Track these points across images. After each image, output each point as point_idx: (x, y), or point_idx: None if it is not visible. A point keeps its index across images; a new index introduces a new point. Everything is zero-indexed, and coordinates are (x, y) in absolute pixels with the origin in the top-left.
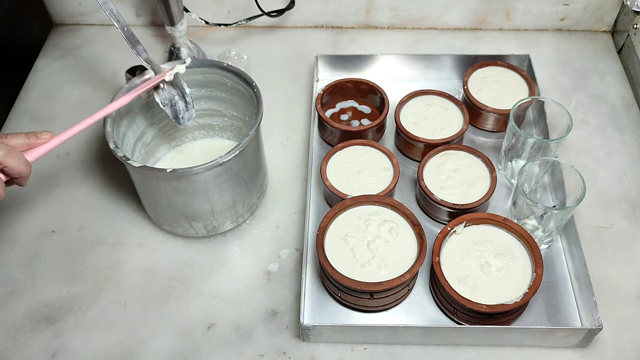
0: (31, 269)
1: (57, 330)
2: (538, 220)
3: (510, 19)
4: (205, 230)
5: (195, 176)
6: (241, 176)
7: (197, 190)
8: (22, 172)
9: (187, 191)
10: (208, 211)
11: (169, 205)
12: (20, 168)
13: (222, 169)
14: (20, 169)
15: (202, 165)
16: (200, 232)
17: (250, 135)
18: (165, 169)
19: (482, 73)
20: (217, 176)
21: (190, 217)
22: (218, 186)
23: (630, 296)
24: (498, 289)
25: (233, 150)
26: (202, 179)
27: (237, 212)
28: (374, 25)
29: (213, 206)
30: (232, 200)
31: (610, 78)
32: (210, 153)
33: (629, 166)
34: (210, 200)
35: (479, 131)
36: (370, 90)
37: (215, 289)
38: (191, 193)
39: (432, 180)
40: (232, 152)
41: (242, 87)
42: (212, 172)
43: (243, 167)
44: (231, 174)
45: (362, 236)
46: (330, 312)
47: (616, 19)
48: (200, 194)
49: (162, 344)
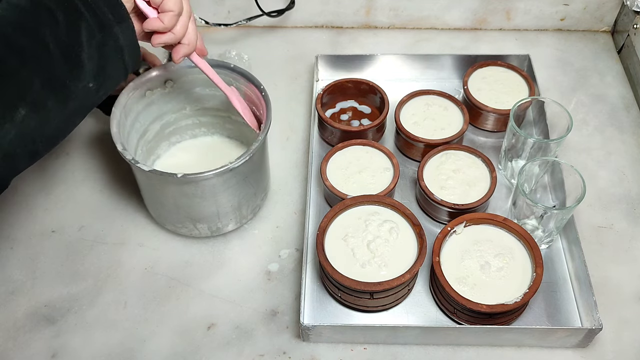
0: (31, 269)
1: (57, 330)
2: (538, 220)
3: (510, 19)
4: (210, 232)
5: (204, 181)
6: (249, 180)
7: (206, 194)
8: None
9: (196, 195)
10: (214, 213)
11: (175, 207)
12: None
13: (231, 174)
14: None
15: (212, 171)
16: (204, 233)
17: (259, 140)
18: (175, 173)
19: (482, 73)
20: (225, 181)
21: (196, 218)
22: (226, 190)
23: (630, 296)
24: (498, 289)
25: (243, 156)
26: (212, 184)
27: (242, 213)
28: (374, 25)
29: (219, 209)
30: (238, 203)
31: (610, 78)
32: (211, 151)
33: (629, 166)
34: (217, 203)
35: (479, 131)
36: (370, 90)
37: (215, 289)
38: (199, 197)
39: (432, 180)
40: (242, 157)
41: (247, 88)
42: (222, 177)
43: (251, 171)
44: (239, 179)
45: (362, 236)
46: (330, 312)
47: (616, 19)
48: (208, 197)
49: (162, 344)
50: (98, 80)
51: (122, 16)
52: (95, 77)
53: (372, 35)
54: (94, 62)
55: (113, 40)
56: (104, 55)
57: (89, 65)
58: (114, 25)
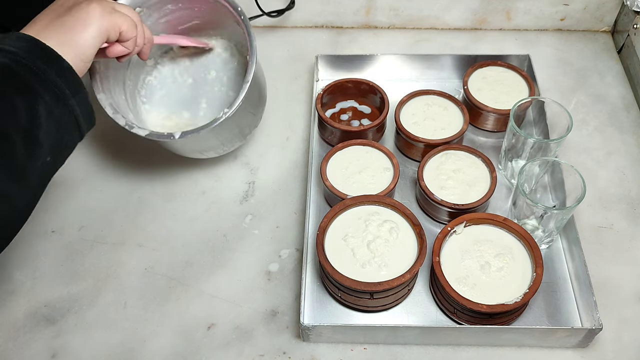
0: (31, 269)
1: (57, 330)
2: (538, 220)
3: (510, 19)
4: (215, 154)
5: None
6: (247, 110)
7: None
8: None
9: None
10: (217, 145)
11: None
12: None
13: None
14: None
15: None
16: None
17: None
18: (172, 133)
19: (482, 73)
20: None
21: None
22: (227, 128)
23: (630, 296)
24: (498, 289)
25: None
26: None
27: (244, 133)
28: (374, 25)
29: (223, 141)
30: (239, 130)
31: (610, 78)
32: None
33: (629, 166)
34: (219, 138)
35: (479, 131)
36: (370, 90)
37: (215, 289)
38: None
39: (432, 180)
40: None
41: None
42: (220, 125)
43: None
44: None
45: (362, 236)
46: (330, 312)
47: (616, 19)
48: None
49: (162, 344)
50: (55, 153)
51: (77, 87)
52: (52, 151)
53: (372, 35)
54: (52, 137)
55: (69, 112)
56: (61, 128)
57: (46, 142)
58: (69, 97)
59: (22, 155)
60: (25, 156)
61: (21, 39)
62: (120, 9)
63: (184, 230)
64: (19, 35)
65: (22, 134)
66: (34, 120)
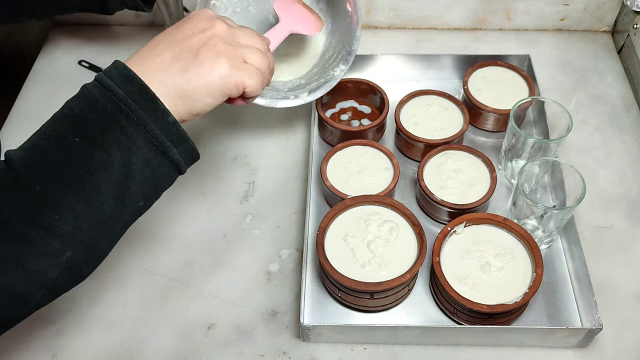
0: None
1: (57, 330)
2: (538, 220)
3: (510, 19)
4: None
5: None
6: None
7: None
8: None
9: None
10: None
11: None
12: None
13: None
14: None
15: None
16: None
17: (357, 37)
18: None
19: (482, 73)
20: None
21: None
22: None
23: (630, 296)
24: (498, 289)
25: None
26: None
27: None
28: (374, 25)
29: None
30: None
31: (610, 78)
32: None
33: (629, 166)
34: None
35: (479, 131)
36: (370, 90)
37: (215, 289)
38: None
39: (432, 180)
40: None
41: None
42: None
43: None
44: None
45: (362, 236)
46: (330, 312)
47: (616, 19)
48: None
49: (162, 344)
50: (148, 198)
51: (180, 138)
52: (144, 197)
53: (372, 35)
54: (146, 185)
55: (169, 161)
56: (157, 176)
57: (139, 190)
58: (171, 149)
59: (112, 208)
60: (115, 207)
61: (131, 82)
62: (249, 44)
63: (184, 230)
64: (129, 76)
65: (113, 187)
66: (128, 173)
